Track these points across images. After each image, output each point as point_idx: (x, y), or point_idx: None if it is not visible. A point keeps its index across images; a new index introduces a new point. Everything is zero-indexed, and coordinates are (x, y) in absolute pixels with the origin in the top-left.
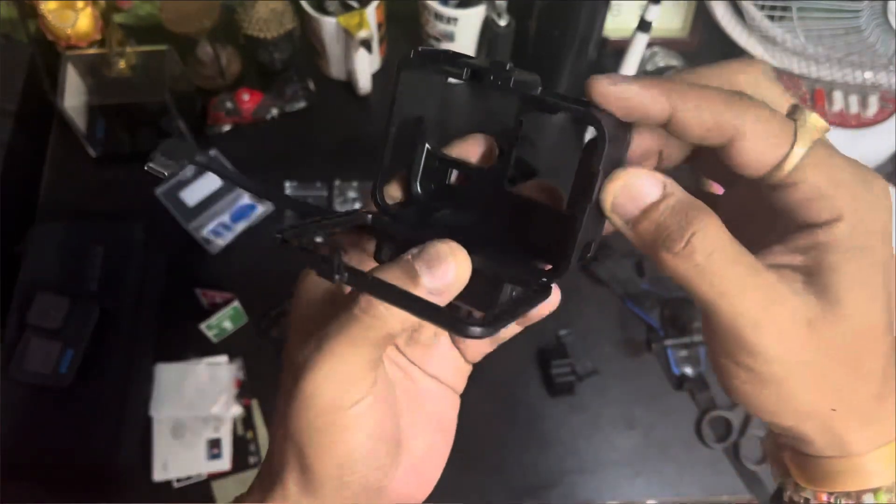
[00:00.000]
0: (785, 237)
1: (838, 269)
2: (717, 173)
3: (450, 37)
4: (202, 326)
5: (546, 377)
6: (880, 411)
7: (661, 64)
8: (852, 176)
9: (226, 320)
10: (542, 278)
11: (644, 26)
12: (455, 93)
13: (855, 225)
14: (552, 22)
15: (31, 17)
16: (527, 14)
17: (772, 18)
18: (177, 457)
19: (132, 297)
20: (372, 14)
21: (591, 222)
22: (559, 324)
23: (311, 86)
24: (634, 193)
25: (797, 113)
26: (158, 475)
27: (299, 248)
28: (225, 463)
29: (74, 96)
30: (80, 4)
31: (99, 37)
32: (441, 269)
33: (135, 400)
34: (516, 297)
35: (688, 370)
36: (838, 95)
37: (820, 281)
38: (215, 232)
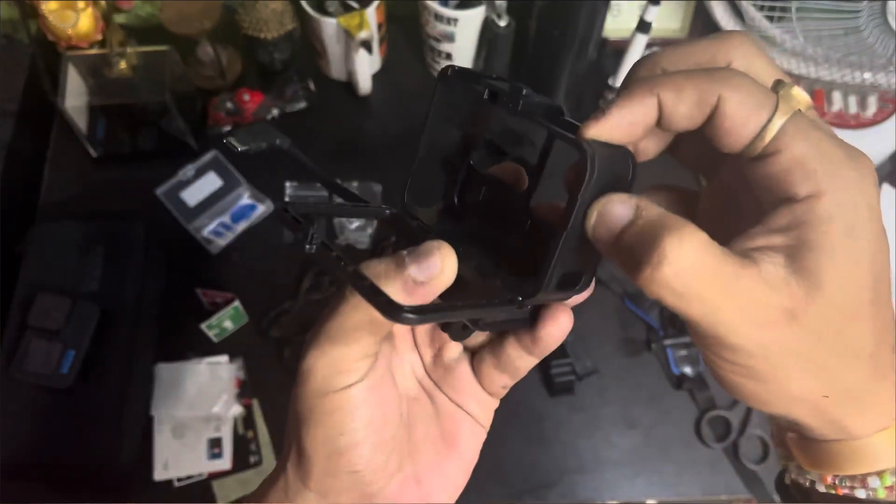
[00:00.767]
0: (766, 217)
1: (820, 247)
2: (698, 162)
3: (450, 37)
4: (203, 326)
5: (546, 377)
6: (876, 393)
7: None
8: (835, 149)
9: (226, 320)
10: (519, 297)
11: (643, 27)
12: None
13: (837, 200)
14: (552, 22)
15: (32, 18)
16: (526, 14)
17: (771, 19)
18: (177, 456)
19: (133, 297)
20: (372, 14)
21: (572, 251)
22: None
23: (312, 86)
24: (608, 219)
25: (780, 86)
26: (159, 475)
27: (291, 219)
28: (225, 462)
29: (75, 96)
30: (81, 5)
31: (100, 37)
32: (427, 261)
33: (135, 399)
34: (500, 313)
35: (687, 370)
36: (837, 96)
37: (801, 261)
38: (216, 232)
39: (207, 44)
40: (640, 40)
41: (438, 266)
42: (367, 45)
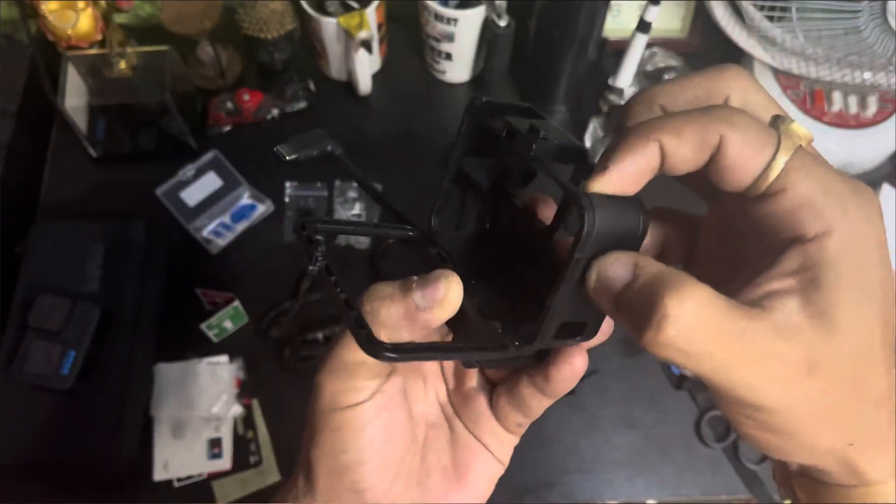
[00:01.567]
0: (776, 259)
1: (833, 287)
2: (699, 186)
3: (450, 37)
4: (202, 326)
5: None
6: (893, 438)
7: (661, 65)
8: (840, 185)
9: (226, 320)
10: (516, 342)
11: (643, 27)
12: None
13: (847, 237)
14: (552, 22)
15: (32, 18)
16: (527, 14)
17: (771, 19)
18: (177, 456)
19: (133, 297)
20: (372, 14)
21: (573, 302)
22: None
23: (312, 86)
24: (607, 279)
25: (779, 122)
26: (159, 475)
27: (305, 237)
28: (226, 462)
29: (75, 97)
30: (81, 5)
31: (99, 37)
32: (433, 289)
33: (135, 400)
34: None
35: (687, 370)
36: (837, 96)
37: (816, 304)
38: (216, 232)
39: (207, 44)
40: (641, 40)
41: (442, 294)
42: (367, 44)
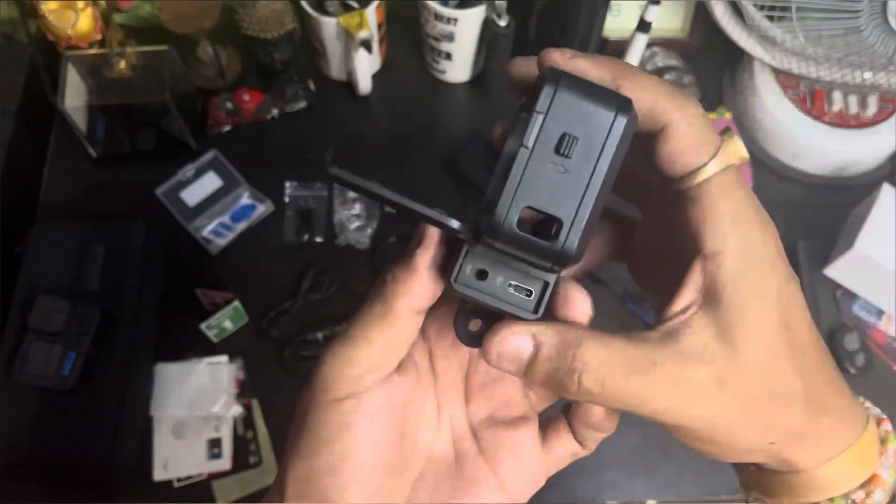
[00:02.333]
0: (686, 275)
1: (732, 304)
2: (628, 195)
3: (449, 37)
4: (202, 326)
5: None
6: (816, 429)
7: (661, 64)
8: (748, 210)
9: (226, 320)
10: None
11: (644, 27)
12: None
13: (740, 259)
14: (552, 22)
15: (32, 18)
16: (527, 14)
17: (771, 18)
18: (177, 456)
19: (133, 298)
20: (372, 14)
21: (539, 182)
22: None
23: (312, 86)
24: (511, 356)
25: (726, 133)
26: (159, 475)
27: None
28: (225, 462)
29: (75, 96)
30: (81, 5)
31: (99, 37)
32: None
33: (135, 400)
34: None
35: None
36: (838, 95)
37: (718, 322)
38: (215, 232)
39: (207, 43)
40: (641, 40)
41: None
42: (366, 44)
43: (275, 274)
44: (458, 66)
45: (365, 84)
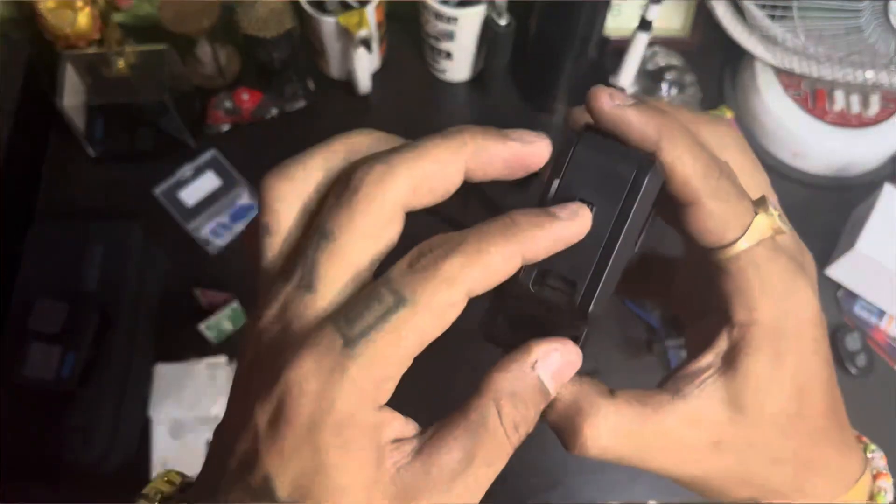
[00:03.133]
0: (717, 338)
1: (747, 375)
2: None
3: (450, 36)
4: (201, 327)
5: None
6: (802, 486)
7: (662, 63)
8: (781, 282)
9: (225, 320)
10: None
11: (645, 26)
12: None
13: (764, 331)
14: (553, 21)
15: (30, 17)
16: (527, 13)
17: (773, 18)
18: (176, 457)
19: (131, 298)
20: (371, 13)
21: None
22: None
23: (311, 85)
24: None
25: (761, 205)
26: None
27: None
28: None
29: (73, 96)
30: (79, 4)
31: (98, 36)
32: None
33: (134, 400)
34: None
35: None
36: (839, 95)
37: (729, 388)
38: (214, 232)
39: (206, 43)
40: (642, 39)
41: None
42: (366, 43)
43: None
44: (458, 66)
45: (364, 83)
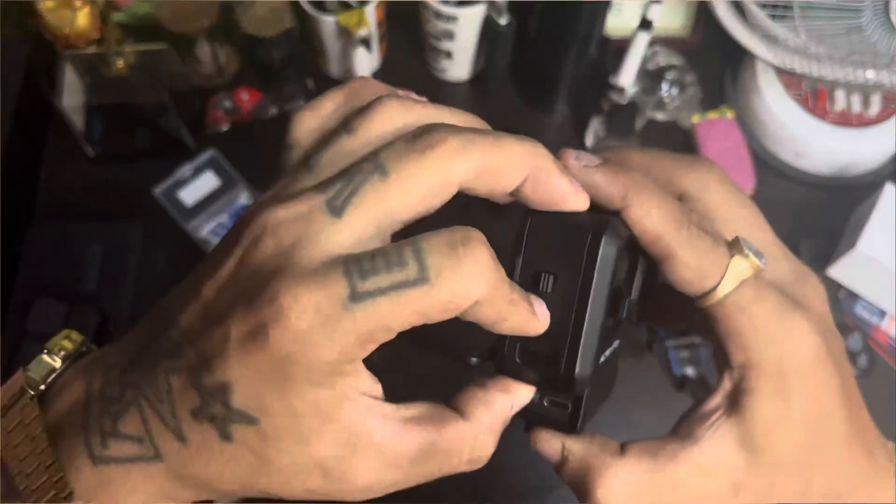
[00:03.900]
0: (720, 381)
1: (753, 416)
2: None
3: (450, 35)
4: None
5: None
6: None
7: (663, 63)
8: (772, 322)
9: None
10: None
11: (645, 25)
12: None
13: (766, 371)
14: (553, 20)
15: (29, 16)
16: (528, 13)
17: (773, 17)
18: None
19: (131, 299)
20: (371, 12)
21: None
22: None
23: (311, 85)
24: (545, 454)
25: (734, 248)
26: None
27: None
28: None
29: (72, 95)
30: (79, 3)
31: (97, 36)
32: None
33: None
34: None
35: (689, 371)
36: (840, 94)
37: (740, 429)
38: (214, 232)
39: (205, 42)
40: (643, 38)
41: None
42: (366, 43)
43: None
44: (458, 65)
45: None
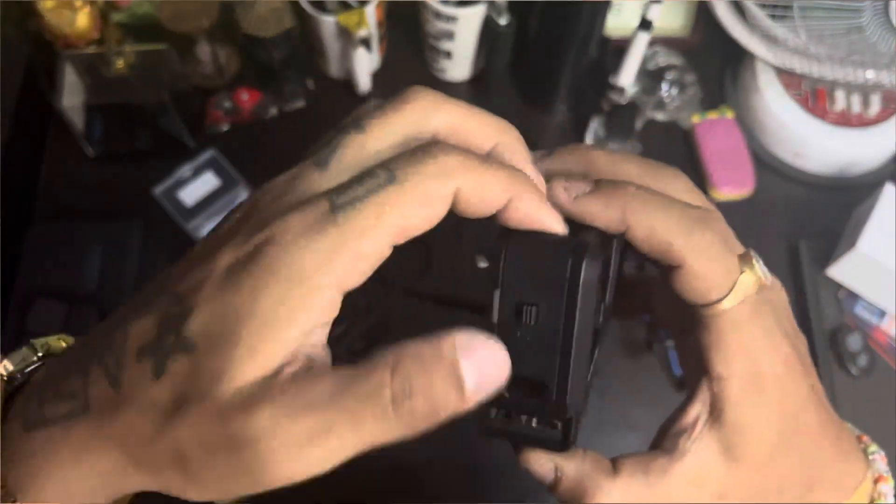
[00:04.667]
0: (695, 390)
1: (734, 425)
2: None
3: (450, 36)
4: None
5: None
6: (807, 499)
7: (663, 63)
8: (759, 341)
9: None
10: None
11: (645, 25)
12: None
13: (743, 383)
14: (553, 21)
15: (29, 17)
16: (527, 13)
17: (773, 17)
18: None
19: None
20: (371, 13)
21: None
22: None
23: (311, 85)
24: (537, 476)
25: (745, 262)
26: None
27: None
28: None
29: (72, 95)
30: (78, 3)
31: (97, 36)
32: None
33: None
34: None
35: None
36: (840, 95)
37: (721, 439)
38: None
39: (205, 42)
40: (643, 38)
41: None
42: (366, 43)
43: None
44: (458, 65)
45: (364, 83)
